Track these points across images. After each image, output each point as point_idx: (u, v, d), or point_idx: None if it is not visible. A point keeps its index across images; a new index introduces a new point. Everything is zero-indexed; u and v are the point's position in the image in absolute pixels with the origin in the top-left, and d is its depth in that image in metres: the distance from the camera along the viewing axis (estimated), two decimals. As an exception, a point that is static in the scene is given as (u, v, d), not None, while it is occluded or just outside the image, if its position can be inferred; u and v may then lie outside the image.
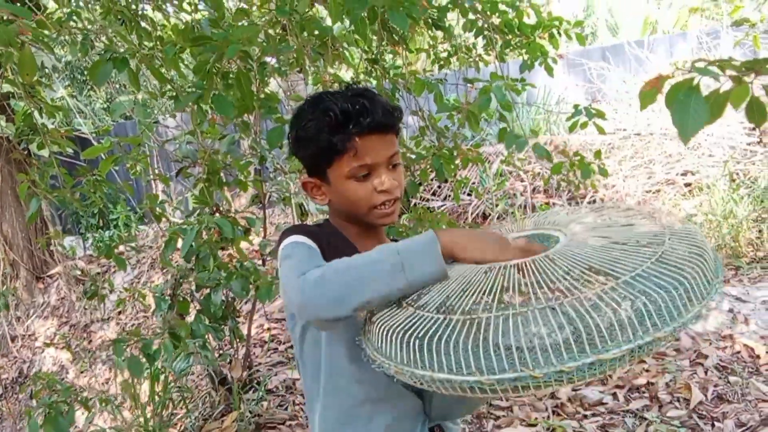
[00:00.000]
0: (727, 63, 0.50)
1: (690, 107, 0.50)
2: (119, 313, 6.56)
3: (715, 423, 2.48)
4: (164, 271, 6.28)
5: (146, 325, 5.62)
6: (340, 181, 1.06)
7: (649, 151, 5.35)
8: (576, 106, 1.73)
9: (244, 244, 2.55)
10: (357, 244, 1.12)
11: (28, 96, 2.04)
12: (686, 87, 0.51)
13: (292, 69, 2.87)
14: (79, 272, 6.84)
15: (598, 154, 1.99)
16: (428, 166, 1.85)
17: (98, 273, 6.62)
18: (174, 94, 2.07)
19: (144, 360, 1.71)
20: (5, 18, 1.39)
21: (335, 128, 1.03)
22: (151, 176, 2.40)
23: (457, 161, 1.90)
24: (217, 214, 1.60)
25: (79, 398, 1.61)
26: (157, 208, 1.88)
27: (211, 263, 1.88)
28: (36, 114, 2.04)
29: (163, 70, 1.85)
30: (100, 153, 2.50)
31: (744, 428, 2.40)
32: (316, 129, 1.05)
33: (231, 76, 1.32)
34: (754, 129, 5.02)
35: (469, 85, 1.79)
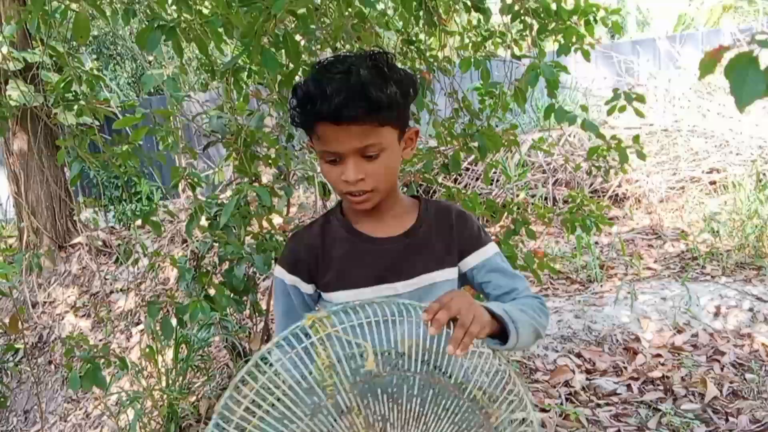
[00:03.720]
0: (789, 35, 0.52)
1: (748, 77, 0.52)
2: (139, 284, 6.68)
3: (729, 418, 2.48)
4: (184, 245, 6.38)
5: (166, 297, 5.69)
6: (319, 157, 1.07)
7: (675, 148, 5.30)
8: (615, 90, 1.73)
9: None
10: (363, 225, 1.15)
11: (66, 63, 2.08)
12: (746, 58, 0.52)
13: (323, 48, 2.89)
14: (101, 243, 6.97)
15: (636, 139, 1.98)
16: (464, 147, 1.86)
17: (127, 241, 6.72)
18: (210, 67, 2.10)
19: (174, 326, 1.76)
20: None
21: (300, 110, 1.02)
22: (180, 150, 2.44)
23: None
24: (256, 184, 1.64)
25: (110, 357, 1.66)
26: (193, 178, 1.92)
27: (242, 233, 1.92)
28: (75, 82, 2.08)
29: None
30: (132, 124, 2.55)
31: (759, 425, 2.40)
32: (292, 104, 1.05)
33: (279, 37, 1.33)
34: (784, 129, 4.95)
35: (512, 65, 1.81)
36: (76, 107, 2.12)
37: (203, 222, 2.69)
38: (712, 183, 5.07)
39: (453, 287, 1.16)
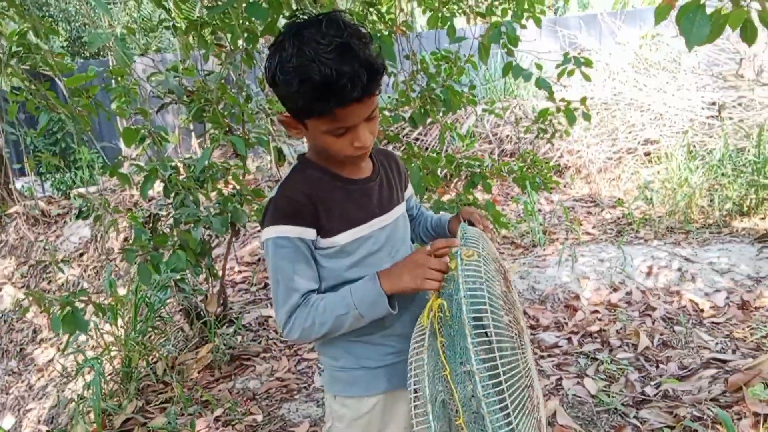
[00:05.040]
0: (730, -16, 0.62)
1: (696, 21, 0.62)
2: (81, 255, 6.51)
3: (660, 365, 2.71)
4: (127, 214, 6.24)
5: (110, 267, 5.59)
6: (318, 133, 1.08)
7: (613, 120, 5.56)
8: (565, 55, 1.85)
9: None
10: (342, 171, 1.19)
11: (21, 13, 2.04)
12: (694, 5, 0.62)
13: (284, 9, 2.90)
14: (38, 212, 6.73)
15: (584, 100, 2.11)
16: (423, 107, 1.94)
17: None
18: (172, 24, 2.10)
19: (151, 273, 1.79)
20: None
21: (315, 95, 0.99)
22: (139, 106, 2.42)
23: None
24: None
25: (91, 301, 1.67)
26: (159, 132, 1.92)
27: (209, 186, 1.95)
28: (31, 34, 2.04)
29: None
30: (85, 81, 2.51)
31: (686, 370, 2.63)
32: (295, 88, 1.00)
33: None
34: (713, 104, 5.27)
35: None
36: (31, 60, 2.07)
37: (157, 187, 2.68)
38: (647, 154, 5.36)
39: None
